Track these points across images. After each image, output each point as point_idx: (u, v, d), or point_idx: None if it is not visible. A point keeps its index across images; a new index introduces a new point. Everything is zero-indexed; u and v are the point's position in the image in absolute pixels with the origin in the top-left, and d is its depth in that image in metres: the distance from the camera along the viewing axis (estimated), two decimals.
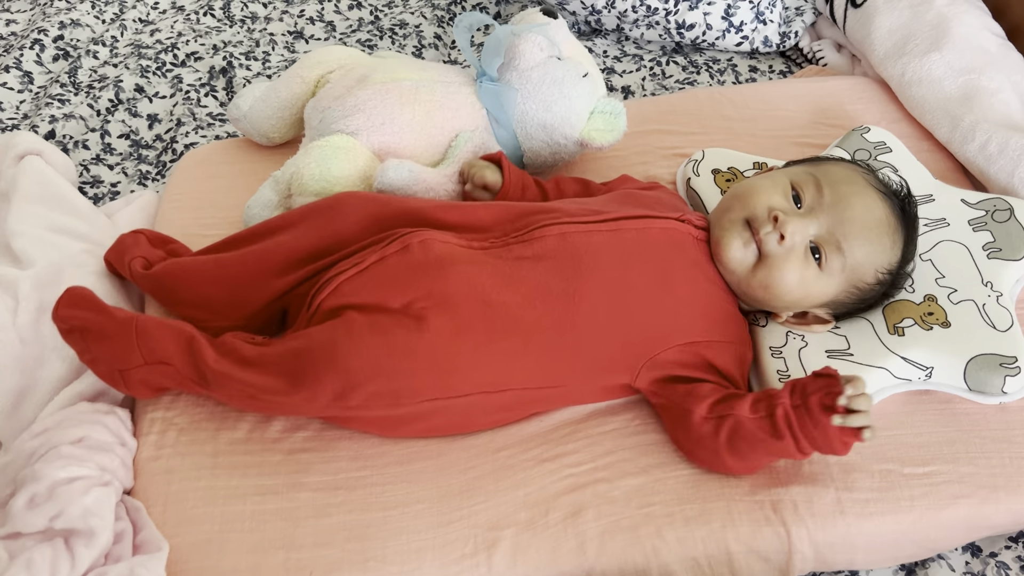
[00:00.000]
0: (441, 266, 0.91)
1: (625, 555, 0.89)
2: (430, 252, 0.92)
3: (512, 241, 0.95)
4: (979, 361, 0.96)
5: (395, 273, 0.91)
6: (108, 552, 0.84)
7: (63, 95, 1.43)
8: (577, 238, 0.94)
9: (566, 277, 0.92)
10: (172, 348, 0.89)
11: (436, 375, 0.87)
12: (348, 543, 0.88)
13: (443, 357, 0.87)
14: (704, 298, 0.96)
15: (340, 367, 0.84)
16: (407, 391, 0.86)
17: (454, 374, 0.88)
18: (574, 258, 0.93)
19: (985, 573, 0.96)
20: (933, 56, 1.28)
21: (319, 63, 1.19)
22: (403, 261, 0.92)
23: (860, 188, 0.95)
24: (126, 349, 0.90)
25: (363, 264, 0.92)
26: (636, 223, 0.97)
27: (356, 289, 0.91)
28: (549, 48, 1.10)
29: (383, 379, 0.85)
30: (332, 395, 0.85)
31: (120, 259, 1.04)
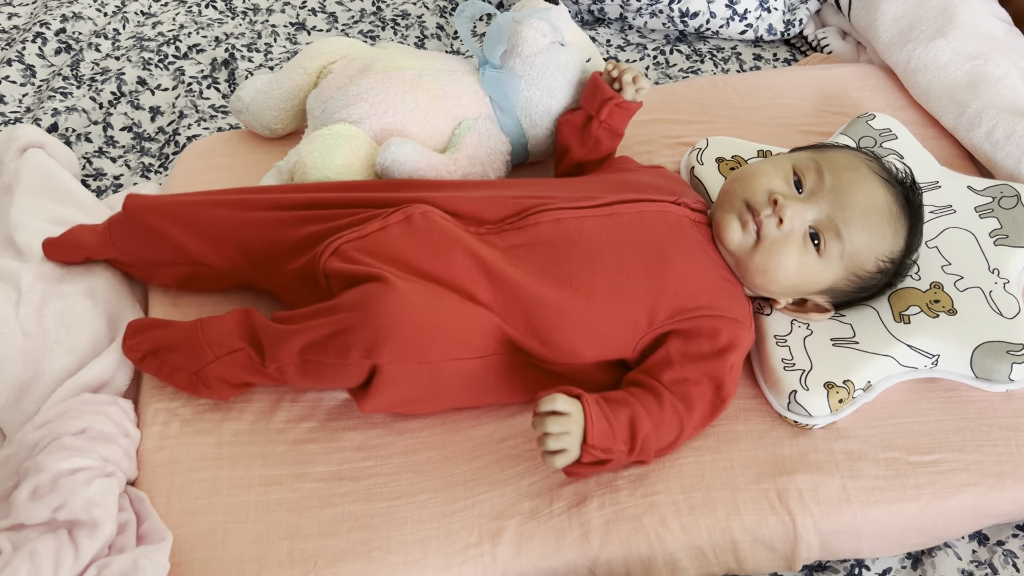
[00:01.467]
0: (444, 236, 0.91)
1: (630, 544, 0.89)
2: (432, 224, 0.92)
3: (507, 228, 0.95)
4: (986, 348, 0.95)
5: (397, 242, 0.91)
6: (112, 543, 0.84)
7: (65, 88, 1.42)
8: (571, 224, 0.94)
9: (561, 262, 0.92)
10: (235, 329, 0.91)
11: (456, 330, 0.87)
12: (352, 533, 0.88)
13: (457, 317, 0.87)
14: (705, 275, 0.95)
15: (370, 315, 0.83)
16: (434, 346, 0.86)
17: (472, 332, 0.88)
18: (568, 243, 0.93)
19: (992, 562, 0.95)
20: (939, 42, 1.27)
21: (321, 53, 1.18)
22: (405, 231, 0.92)
23: (862, 175, 0.95)
24: (196, 349, 0.92)
25: (364, 231, 0.92)
26: (631, 207, 0.96)
27: (359, 254, 0.90)
28: (552, 34, 1.09)
29: (411, 329, 0.84)
30: (364, 349, 0.84)
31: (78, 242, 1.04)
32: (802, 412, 0.94)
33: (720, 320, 0.93)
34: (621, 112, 1.07)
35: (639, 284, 0.92)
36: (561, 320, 0.91)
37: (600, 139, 1.08)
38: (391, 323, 0.83)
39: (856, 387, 0.95)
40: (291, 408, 0.96)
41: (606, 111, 1.06)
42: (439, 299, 0.87)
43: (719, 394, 0.92)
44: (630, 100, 1.06)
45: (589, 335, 0.92)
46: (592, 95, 1.07)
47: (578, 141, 1.09)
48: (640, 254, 0.93)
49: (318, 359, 0.86)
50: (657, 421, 0.89)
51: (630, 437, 0.87)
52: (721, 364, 0.92)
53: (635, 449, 0.87)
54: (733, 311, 0.94)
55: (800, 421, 0.95)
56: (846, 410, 0.95)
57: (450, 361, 0.88)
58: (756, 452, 0.94)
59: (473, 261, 0.91)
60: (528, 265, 0.92)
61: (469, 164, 1.08)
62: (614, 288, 0.92)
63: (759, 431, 0.96)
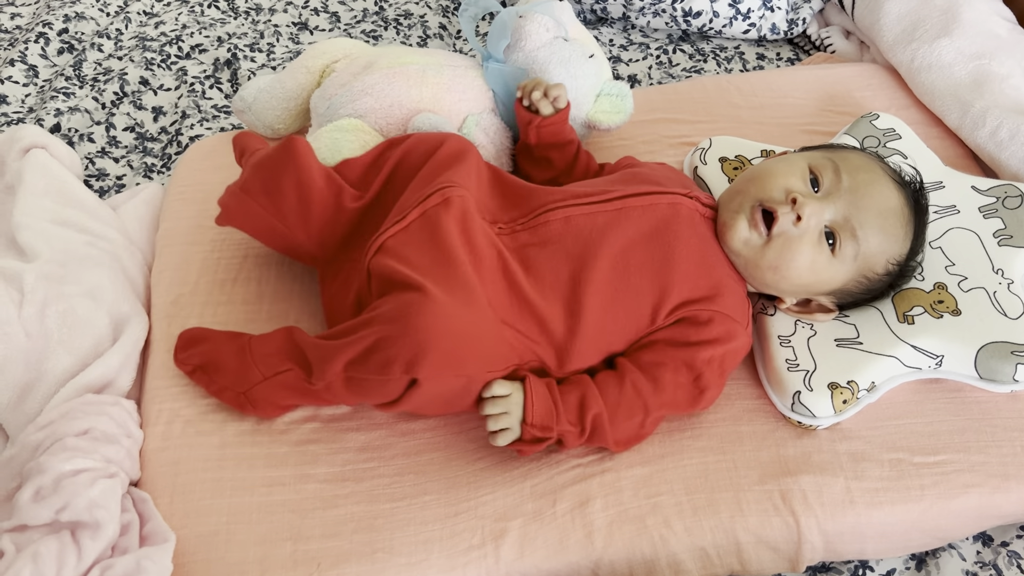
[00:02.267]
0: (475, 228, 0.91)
1: (633, 545, 0.89)
2: (467, 210, 0.92)
3: (519, 228, 0.95)
4: (990, 349, 0.95)
5: (437, 229, 0.89)
6: (115, 544, 0.84)
7: (68, 88, 1.42)
8: (581, 220, 0.94)
9: (571, 259, 0.92)
10: (282, 348, 0.91)
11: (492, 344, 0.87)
12: (356, 534, 0.88)
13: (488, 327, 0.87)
14: (710, 273, 0.94)
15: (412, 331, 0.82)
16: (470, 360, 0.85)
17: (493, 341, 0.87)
18: (579, 240, 0.93)
19: (996, 563, 0.95)
20: (943, 42, 1.27)
21: (324, 53, 1.18)
22: (443, 215, 0.90)
23: (878, 176, 0.95)
24: (244, 369, 0.92)
25: (405, 222, 0.91)
26: (642, 200, 0.96)
27: (400, 247, 0.89)
28: (555, 29, 1.09)
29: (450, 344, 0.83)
30: (405, 363, 0.83)
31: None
32: (806, 413, 0.94)
33: (716, 314, 0.92)
34: (549, 129, 1.06)
35: (646, 279, 0.92)
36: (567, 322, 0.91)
37: (549, 157, 1.08)
38: (430, 336, 0.82)
39: (860, 388, 0.94)
40: (294, 409, 0.96)
41: (533, 135, 1.06)
42: (475, 310, 0.86)
43: (697, 384, 0.92)
44: (549, 113, 1.05)
45: (594, 334, 0.91)
46: (519, 124, 1.08)
47: (533, 166, 1.10)
48: (649, 249, 0.93)
49: (362, 376, 0.86)
50: (613, 402, 0.90)
51: (578, 417, 0.89)
52: (698, 353, 0.91)
53: (584, 428, 0.89)
54: (731, 309, 0.94)
55: (804, 422, 0.95)
56: (850, 411, 0.95)
57: (484, 374, 0.87)
58: (760, 453, 0.94)
59: (499, 258, 0.91)
60: (539, 267, 0.92)
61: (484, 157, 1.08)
62: (622, 285, 0.92)
63: (763, 432, 0.96)
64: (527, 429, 0.87)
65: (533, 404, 0.87)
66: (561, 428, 0.88)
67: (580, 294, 0.91)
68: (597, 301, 0.91)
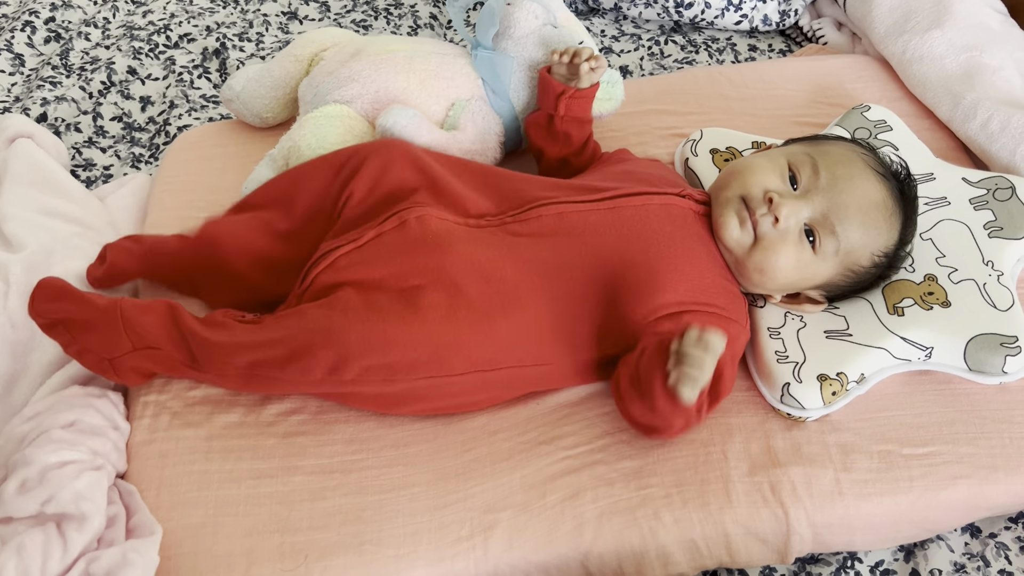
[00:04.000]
0: (438, 242, 0.90)
1: (622, 537, 0.89)
2: (427, 228, 0.91)
3: (508, 220, 0.94)
4: (979, 341, 0.95)
5: (392, 249, 0.90)
6: (101, 536, 0.83)
7: (55, 77, 1.41)
8: (574, 217, 0.93)
9: (562, 255, 0.91)
10: (158, 330, 0.88)
11: (431, 351, 0.86)
12: (343, 526, 0.87)
13: (438, 334, 0.86)
14: (705, 273, 0.94)
15: (335, 340, 0.84)
16: (402, 367, 0.86)
17: (449, 350, 0.87)
18: (571, 237, 0.92)
19: (984, 554, 0.95)
20: (934, 33, 1.26)
21: (313, 42, 1.18)
22: (400, 237, 0.91)
23: (858, 170, 0.94)
24: (113, 336, 0.88)
25: (360, 241, 0.91)
26: (635, 200, 0.95)
27: (353, 265, 0.90)
28: (544, 15, 1.09)
29: (377, 353, 0.84)
30: (326, 368, 0.85)
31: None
32: (795, 404, 0.94)
33: (720, 319, 0.92)
34: (579, 102, 1.05)
35: (641, 279, 0.92)
36: (556, 320, 0.90)
37: (569, 132, 1.07)
38: (355, 346, 0.83)
39: (849, 379, 0.94)
40: (282, 401, 0.95)
41: (563, 106, 1.04)
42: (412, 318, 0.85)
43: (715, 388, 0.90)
44: (585, 87, 1.04)
45: (585, 333, 0.91)
46: (545, 93, 1.06)
47: (548, 140, 1.08)
48: (643, 248, 0.93)
49: (271, 375, 0.86)
50: None
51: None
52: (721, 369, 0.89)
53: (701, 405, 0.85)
54: (730, 310, 0.94)
55: (793, 414, 0.95)
56: (839, 402, 0.95)
57: (421, 380, 0.87)
58: (749, 445, 0.94)
59: (467, 262, 0.90)
60: (528, 259, 0.91)
61: (469, 142, 1.08)
62: (615, 283, 0.91)
63: (752, 424, 0.96)
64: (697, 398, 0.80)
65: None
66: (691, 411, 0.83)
67: (570, 289, 0.90)
68: (587, 299, 0.91)
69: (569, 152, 1.09)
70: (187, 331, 0.88)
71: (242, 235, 0.97)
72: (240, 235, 0.97)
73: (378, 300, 0.86)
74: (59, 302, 0.89)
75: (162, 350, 0.89)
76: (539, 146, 1.10)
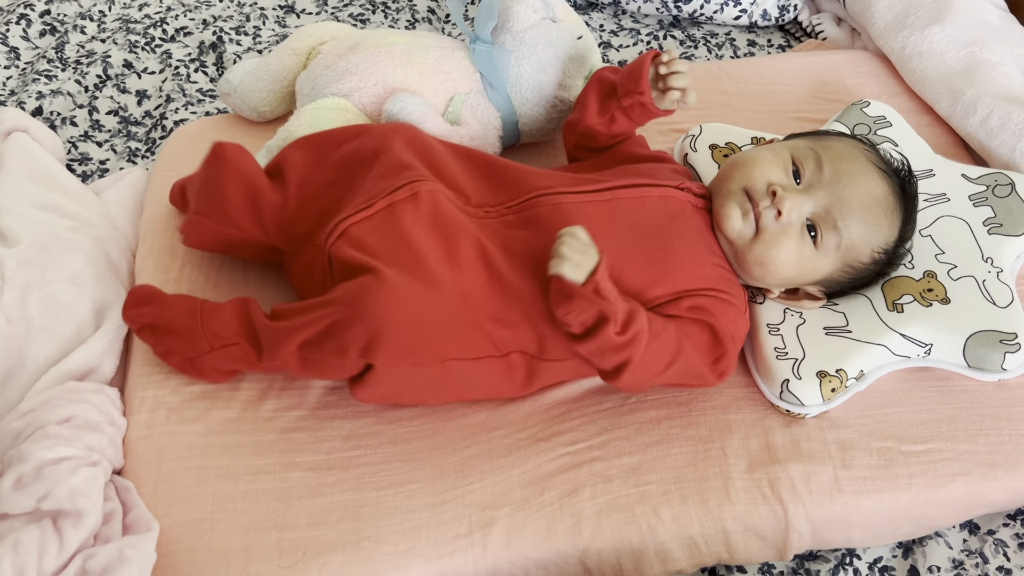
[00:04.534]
0: (448, 221, 0.90)
1: (621, 534, 0.89)
2: (438, 203, 0.91)
3: (506, 212, 0.94)
4: (979, 338, 0.95)
5: (403, 220, 0.89)
6: (97, 533, 0.83)
7: (50, 71, 1.40)
8: (570, 208, 0.93)
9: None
10: (234, 325, 0.90)
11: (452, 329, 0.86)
12: (341, 523, 0.87)
13: (455, 311, 0.86)
14: (704, 263, 0.94)
15: (366, 314, 0.82)
16: (429, 349, 0.85)
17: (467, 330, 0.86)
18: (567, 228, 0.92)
19: (983, 551, 0.95)
20: (934, 29, 1.26)
21: (311, 35, 1.17)
22: (411, 208, 0.90)
23: (861, 166, 0.94)
24: (193, 338, 0.91)
25: (371, 210, 0.91)
26: (632, 191, 0.95)
27: (365, 235, 0.89)
28: (543, 10, 1.08)
29: (407, 330, 0.83)
30: (359, 348, 0.83)
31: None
32: (794, 401, 0.94)
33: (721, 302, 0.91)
34: (642, 110, 1.01)
35: (639, 269, 0.91)
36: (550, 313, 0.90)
37: (615, 118, 1.03)
38: (386, 323, 0.82)
39: (849, 376, 0.94)
40: (280, 397, 0.95)
41: (628, 101, 1.00)
42: (437, 299, 0.85)
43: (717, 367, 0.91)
44: (662, 108, 1.00)
45: None
46: (630, 77, 1.00)
47: (598, 106, 1.03)
48: (640, 239, 0.92)
49: (316, 357, 0.86)
50: (658, 329, 0.87)
51: (626, 319, 0.84)
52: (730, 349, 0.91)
53: (627, 331, 0.84)
54: (731, 295, 0.93)
55: (792, 410, 0.95)
56: (838, 399, 0.94)
57: (446, 362, 0.87)
58: (748, 441, 0.94)
59: (475, 242, 0.90)
60: (524, 252, 0.91)
61: (469, 137, 1.07)
62: (612, 275, 0.91)
63: (751, 420, 0.95)
64: (589, 281, 0.82)
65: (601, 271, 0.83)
66: (614, 307, 0.83)
67: None
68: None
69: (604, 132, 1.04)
70: (256, 320, 0.90)
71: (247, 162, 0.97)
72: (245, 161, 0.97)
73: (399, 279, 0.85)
74: (146, 306, 0.95)
75: (239, 346, 0.90)
76: (585, 100, 1.04)
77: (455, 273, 0.87)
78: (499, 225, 0.93)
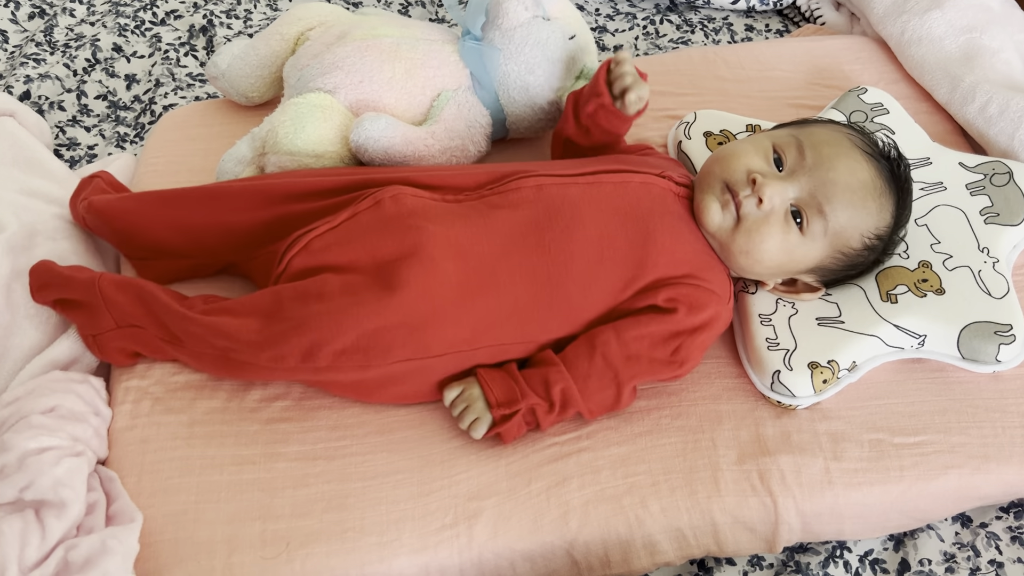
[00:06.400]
0: (414, 219, 0.89)
1: (608, 525, 0.88)
2: (402, 206, 0.90)
3: (487, 193, 0.93)
4: (973, 329, 0.94)
5: (367, 229, 0.89)
6: (80, 523, 0.82)
7: (38, 54, 1.39)
8: (553, 190, 0.92)
9: (541, 228, 0.90)
10: (135, 308, 0.89)
11: (407, 332, 0.86)
12: (326, 513, 0.86)
13: (415, 314, 0.86)
14: (687, 248, 0.93)
15: (306, 326, 0.84)
16: (376, 350, 0.85)
17: (426, 331, 0.86)
18: (550, 209, 0.91)
19: (975, 544, 0.94)
20: (934, 14, 1.24)
21: (299, 20, 1.15)
22: (375, 216, 0.90)
23: (844, 150, 0.92)
24: (96, 312, 0.91)
25: (335, 221, 0.90)
26: (614, 176, 0.94)
27: (328, 247, 0.89)
28: (534, 7, 1.06)
29: (350, 336, 0.84)
30: (300, 356, 0.84)
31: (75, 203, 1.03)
32: (785, 392, 0.93)
33: (703, 292, 0.91)
34: (607, 113, 0.99)
35: (619, 253, 0.90)
36: (534, 294, 0.89)
37: (589, 129, 1.02)
38: (325, 336, 0.83)
39: (841, 367, 0.93)
40: (265, 387, 0.94)
41: (590, 106, 0.99)
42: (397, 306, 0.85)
43: (674, 358, 0.91)
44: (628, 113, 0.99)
45: (564, 308, 0.90)
46: (590, 84, 1.00)
47: (573, 117, 1.03)
48: (622, 223, 0.91)
49: (246, 360, 0.86)
50: (583, 374, 0.89)
51: (545, 392, 0.88)
52: (692, 342, 0.91)
53: (554, 402, 0.88)
54: (713, 283, 0.92)
55: (783, 401, 0.94)
56: (830, 391, 0.93)
57: (399, 363, 0.87)
58: (738, 432, 0.93)
59: (443, 240, 0.89)
60: (506, 232, 0.90)
61: (448, 137, 1.05)
62: (593, 257, 0.90)
63: (742, 411, 0.95)
64: (495, 411, 0.88)
65: (490, 386, 0.88)
66: (529, 401, 0.88)
67: (548, 262, 0.89)
68: (567, 273, 0.89)
69: (583, 144, 1.04)
70: (160, 307, 0.88)
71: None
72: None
73: (353, 283, 0.86)
74: (49, 284, 0.94)
75: (144, 329, 0.89)
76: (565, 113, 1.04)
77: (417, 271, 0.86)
78: (479, 206, 0.92)
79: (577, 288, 0.90)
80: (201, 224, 0.96)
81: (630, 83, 0.97)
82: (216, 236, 0.96)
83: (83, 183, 1.05)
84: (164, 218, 0.97)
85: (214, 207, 0.96)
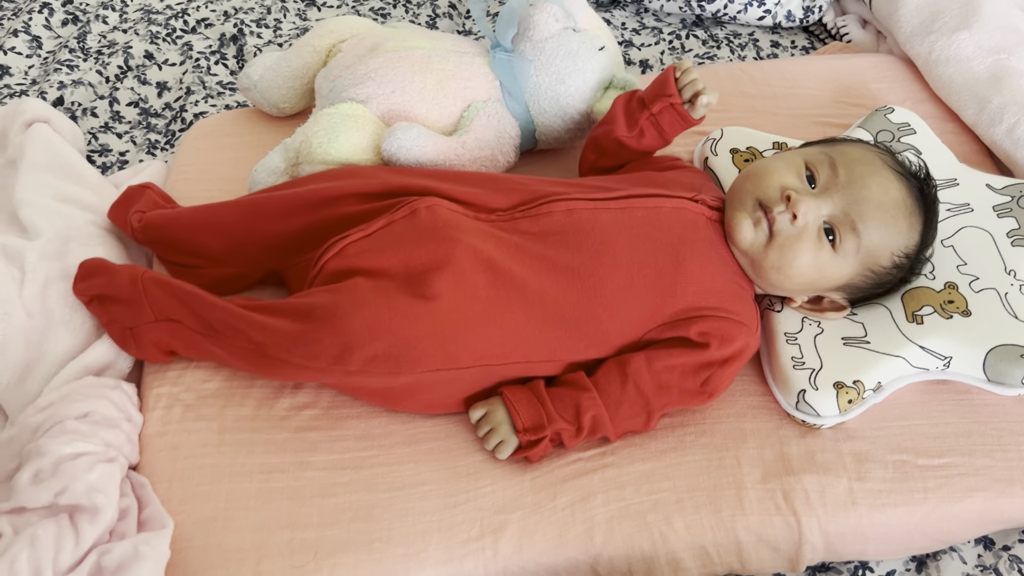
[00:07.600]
0: (448, 231, 0.90)
1: (632, 541, 0.88)
2: (437, 217, 0.91)
3: (519, 216, 0.94)
4: (999, 352, 0.94)
5: (401, 237, 0.90)
6: (113, 529, 0.84)
7: (72, 61, 1.41)
8: (584, 215, 0.93)
9: (571, 252, 0.91)
10: (174, 302, 0.91)
11: (438, 343, 0.86)
12: (353, 523, 0.87)
13: (445, 325, 0.86)
14: (716, 277, 0.93)
15: (340, 327, 0.84)
16: (408, 358, 0.86)
17: (456, 343, 0.87)
18: (580, 234, 0.92)
19: (997, 567, 0.94)
20: (962, 34, 1.24)
21: (331, 32, 1.16)
22: (410, 226, 0.91)
23: (876, 168, 0.93)
24: (136, 305, 0.93)
25: (370, 229, 0.91)
26: (646, 201, 0.95)
27: (362, 252, 0.90)
28: (564, 19, 1.07)
29: (382, 342, 0.84)
30: (332, 356, 0.85)
31: (123, 212, 1.05)
32: (811, 412, 0.93)
33: (733, 324, 0.91)
34: (673, 114, 1.01)
35: (649, 280, 0.91)
36: (563, 316, 0.90)
37: (645, 131, 1.02)
38: (359, 336, 0.84)
39: (866, 388, 0.93)
40: (294, 395, 0.95)
41: (658, 106, 1.00)
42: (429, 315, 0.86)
43: (704, 388, 0.92)
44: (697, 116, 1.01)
45: (592, 332, 0.91)
46: (657, 86, 1.01)
47: (625, 119, 1.03)
48: (653, 250, 0.92)
49: (280, 356, 0.87)
50: (615, 401, 0.90)
51: (575, 416, 0.89)
52: (722, 372, 0.92)
53: (582, 428, 0.90)
54: (742, 315, 0.93)
55: (808, 421, 0.94)
56: (855, 411, 0.94)
57: (428, 372, 0.87)
58: (763, 451, 0.93)
59: (475, 253, 0.89)
60: (536, 255, 0.91)
61: (478, 147, 1.06)
62: (623, 283, 0.91)
63: (767, 430, 0.95)
64: (522, 436, 0.89)
65: (517, 410, 0.89)
66: (556, 426, 0.89)
67: (577, 287, 0.90)
68: (595, 294, 0.90)
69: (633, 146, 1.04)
70: (198, 301, 0.90)
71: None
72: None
73: (386, 287, 0.86)
74: (94, 278, 0.96)
75: (182, 323, 0.91)
76: (614, 116, 1.04)
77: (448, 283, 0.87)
78: (511, 229, 0.93)
79: (606, 313, 0.90)
80: (245, 232, 0.97)
81: (702, 87, 0.99)
82: (259, 244, 0.98)
83: (131, 193, 1.06)
84: (213, 228, 0.99)
85: (257, 216, 0.97)
